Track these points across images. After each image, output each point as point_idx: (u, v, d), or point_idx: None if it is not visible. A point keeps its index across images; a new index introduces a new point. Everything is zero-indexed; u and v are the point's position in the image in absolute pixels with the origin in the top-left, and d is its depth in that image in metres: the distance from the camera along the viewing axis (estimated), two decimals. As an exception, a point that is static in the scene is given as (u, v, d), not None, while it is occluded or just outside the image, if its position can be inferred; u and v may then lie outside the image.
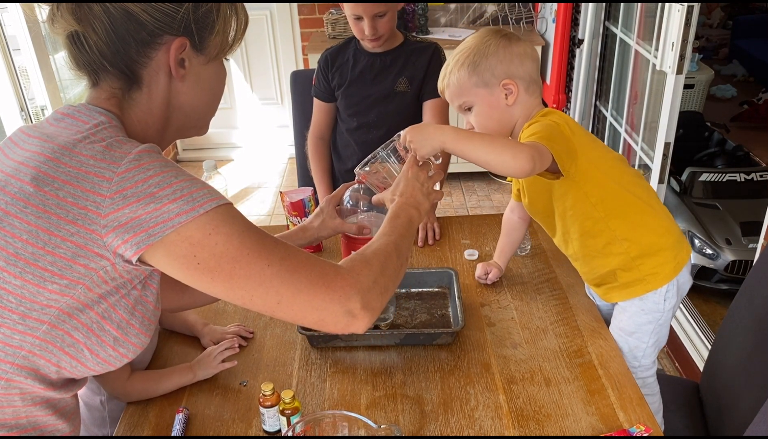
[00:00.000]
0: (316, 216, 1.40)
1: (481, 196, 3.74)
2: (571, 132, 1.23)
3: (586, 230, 1.31)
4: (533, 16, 3.75)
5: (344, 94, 1.93)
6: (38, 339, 0.84)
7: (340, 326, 0.90)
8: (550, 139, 1.17)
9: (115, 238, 0.80)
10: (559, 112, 1.29)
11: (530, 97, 1.28)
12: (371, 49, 1.87)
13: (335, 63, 1.93)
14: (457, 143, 1.15)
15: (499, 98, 1.26)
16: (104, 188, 0.79)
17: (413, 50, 1.88)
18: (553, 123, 1.22)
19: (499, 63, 1.24)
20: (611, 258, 1.32)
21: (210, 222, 0.82)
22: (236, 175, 4.09)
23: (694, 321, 2.36)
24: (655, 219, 1.32)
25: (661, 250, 1.31)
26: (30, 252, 0.80)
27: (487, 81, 1.25)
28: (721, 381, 1.47)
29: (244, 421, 1.19)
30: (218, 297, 0.88)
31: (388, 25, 1.79)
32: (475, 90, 1.26)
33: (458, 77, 1.26)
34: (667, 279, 1.31)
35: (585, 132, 1.30)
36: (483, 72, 1.24)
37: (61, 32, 0.88)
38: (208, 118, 1.03)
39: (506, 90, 1.25)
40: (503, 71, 1.24)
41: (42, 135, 0.86)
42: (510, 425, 1.15)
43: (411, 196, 1.12)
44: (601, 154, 1.30)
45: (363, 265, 0.94)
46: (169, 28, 0.88)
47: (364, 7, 1.73)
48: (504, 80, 1.24)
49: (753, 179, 2.78)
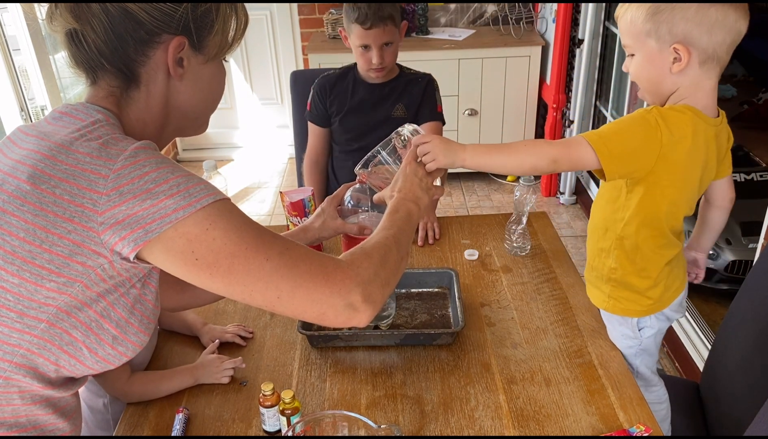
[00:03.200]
0: (317, 217, 1.40)
1: (481, 196, 3.74)
2: (663, 152, 1.08)
3: (601, 225, 1.28)
4: (533, 16, 3.75)
5: (342, 120, 1.98)
6: (36, 337, 0.84)
7: (341, 319, 0.89)
8: (608, 140, 1.08)
9: (112, 235, 0.80)
10: (693, 120, 1.10)
11: (704, 73, 1.09)
12: (374, 79, 1.92)
13: (333, 91, 1.98)
14: (479, 159, 1.16)
15: (665, 60, 1.09)
16: (100, 185, 0.79)
17: (409, 80, 1.97)
18: (650, 125, 1.08)
19: (683, 20, 1.05)
20: (597, 260, 1.32)
21: (207, 217, 0.82)
22: (236, 175, 4.09)
23: (694, 321, 2.36)
24: (654, 267, 1.26)
25: (639, 294, 1.29)
26: (27, 250, 0.80)
27: (660, 35, 1.07)
28: (721, 381, 1.47)
29: (244, 421, 1.18)
30: (218, 293, 0.88)
31: (393, 56, 1.87)
32: (643, 38, 1.09)
33: (633, 17, 1.10)
34: (636, 315, 1.31)
35: (689, 164, 1.14)
36: (661, 23, 1.07)
37: (60, 30, 0.88)
38: (206, 118, 1.03)
39: (675, 55, 1.08)
40: (683, 32, 1.06)
41: (39, 133, 0.86)
42: (510, 425, 1.15)
43: (409, 191, 1.12)
44: (675, 197, 1.17)
45: (363, 258, 0.93)
46: (167, 27, 0.88)
47: (374, 37, 1.78)
48: (677, 44, 1.07)
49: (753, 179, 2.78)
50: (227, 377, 1.26)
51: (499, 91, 3.60)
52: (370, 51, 1.82)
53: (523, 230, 1.65)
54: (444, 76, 3.51)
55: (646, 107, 1.14)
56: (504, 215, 1.80)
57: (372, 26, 1.76)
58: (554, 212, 3.50)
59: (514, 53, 3.52)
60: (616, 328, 1.34)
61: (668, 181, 1.15)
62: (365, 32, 1.78)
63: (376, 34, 1.78)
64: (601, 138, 1.10)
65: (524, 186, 1.62)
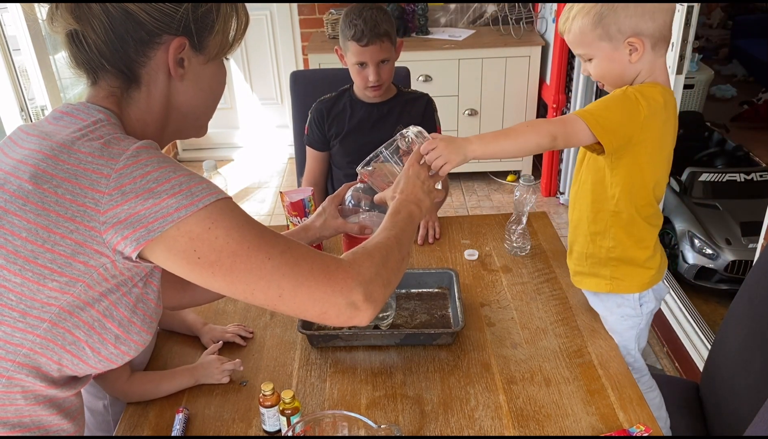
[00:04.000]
0: (318, 216, 1.40)
1: (481, 196, 3.74)
2: (644, 122, 1.16)
3: (590, 209, 1.32)
4: (533, 16, 3.75)
5: (342, 142, 1.98)
6: (39, 337, 0.84)
7: (343, 318, 0.89)
8: (599, 116, 1.15)
9: (115, 234, 0.80)
10: (662, 92, 1.20)
11: (656, 54, 1.19)
12: (371, 98, 1.92)
13: (330, 114, 1.98)
14: (486, 148, 1.18)
15: (623, 55, 1.18)
16: (102, 185, 0.80)
17: (408, 100, 1.97)
18: (630, 100, 1.16)
19: (627, 17, 1.14)
20: (592, 246, 1.34)
21: (209, 216, 0.82)
22: (236, 175, 4.09)
23: (694, 321, 2.36)
24: (651, 237, 1.33)
25: (640, 266, 1.32)
26: (29, 250, 0.80)
27: (611, 35, 1.16)
28: (721, 381, 1.47)
29: (244, 421, 1.19)
30: (219, 292, 0.88)
31: (390, 74, 1.87)
32: (597, 43, 1.18)
33: (581, 26, 1.18)
34: (639, 289, 1.34)
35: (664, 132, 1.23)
36: (608, 25, 1.15)
37: (60, 31, 0.88)
38: (206, 119, 1.03)
39: (631, 47, 1.17)
40: (631, 27, 1.15)
41: (40, 133, 0.87)
42: (510, 425, 1.15)
43: (411, 193, 1.12)
44: (655, 164, 1.25)
45: (365, 257, 0.93)
46: (168, 28, 0.88)
47: (371, 54, 1.78)
48: (630, 38, 1.16)
49: (753, 179, 2.78)
50: (227, 378, 1.26)
51: (499, 92, 3.60)
52: (367, 68, 1.82)
53: (523, 229, 1.65)
54: (444, 76, 3.55)
55: (621, 88, 1.21)
56: (504, 215, 1.80)
57: (368, 43, 1.76)
58: (554, 212, 3.51)
59: (514, 53, 3.52)
60: (615, 311, 1.36)
61: (648, 149, 1.22)
62: (361, 49, 1.78)
63: (372, 51, 1.78)
64: (592, 115, 1.16)
65: (524, 186, 1.62)
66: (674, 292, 2.53)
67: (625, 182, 1.25)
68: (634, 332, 1.36)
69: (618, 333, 1.36)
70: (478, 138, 1.19)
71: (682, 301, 2.47)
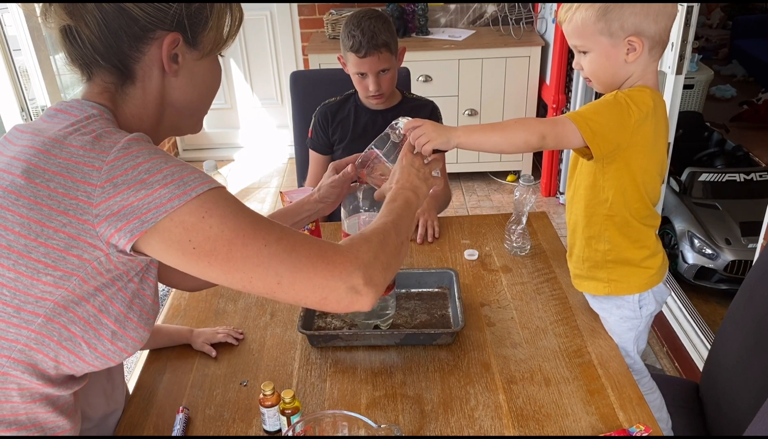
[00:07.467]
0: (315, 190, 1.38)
1: (481, 196, 3.74)
2: (634, 127, 1.16)
3: (584, 214, 1.32)
4: (533, 16, 3.75)
5: (346, 148, 1.97)
6: (34, 332, 0.84)
7: (344, 303, 0.88)
8: (589, 120, 1.15)
9: (108, 227, 0.80)
10: (652, 95, 1.19)
11: (651, 57, 1.19)
12: (374, 106, 1.92)
13: (335, 118, 1.97)
14: (471, 137, 1.18)
15: (620, 53, 1.17)
16: (94, 178, 0.80)
17: (413, 107, 1.96)
18: (621, 105, 1.16)
19: (632, 15, 1.14)
20: (588, 250, 1.34)
21: (203, 205, 0.81)
22: (236, 175, 4.10)
23: (693, 321, 2.36)
24: (647, 237, 1.32)
25: (637, 266, 1.32)
26: (23, 244, 0.80)
27: (613, 31, 1.15)
28: (721, 381, 1.47)
29: (244, 421, 1.19)
30: (216, 282, 0.87)
31: (391, 82, 1.86)
32: (597, 37, 1.17)
33: (583, 17, 1.16)
34: (638, 290, 1.33)
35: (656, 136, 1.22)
36: (612, 20, 1.14)
37: (54, 27, 0.88)
38: (201, 115, 1.03)
39: (629, 46, 1.16)
40: (633, 25, 1.14)
41: (34, 130, 0.87)
42: (510, 425, 1.15)
43: (407, 181, 1.12)
44: (647, 168, 1.24)
45: (362, 242, 0.93)
46: (161, 23, 0.88)
47: (369, 65, 1.78)
48: (630, 36, 1.15)
49: (752, 179, 2.78)
50: (222, 336, 1.36)
51: (499, 92, 3.61)
52: (367, 78, 1.82)
53: (523, 229, 1.65)
54: (444, 77, 3.55)
55: (611, 92, 1.21)
56: (504, 215, 1.80)
57: (366, 54, 1.76)
58: (554, 212, 3.51)
59: (513, 53, 3.52)
60: (614, 313, 1.35)
61: (639, 153, 1.22)
62: (360, 60, 1.78)
63: (371, 62, 1.78)
64: (583, 118, 1.16)
65: (524, 186, 1.62)
66: (674, 292, 2.53)
67: (618, 186, 1.25)
68: (632, 334, 1.36)
69: (617, 335, 1.36)
70: (465, 127, 1.19)
71: (682, 301, 2.47)
